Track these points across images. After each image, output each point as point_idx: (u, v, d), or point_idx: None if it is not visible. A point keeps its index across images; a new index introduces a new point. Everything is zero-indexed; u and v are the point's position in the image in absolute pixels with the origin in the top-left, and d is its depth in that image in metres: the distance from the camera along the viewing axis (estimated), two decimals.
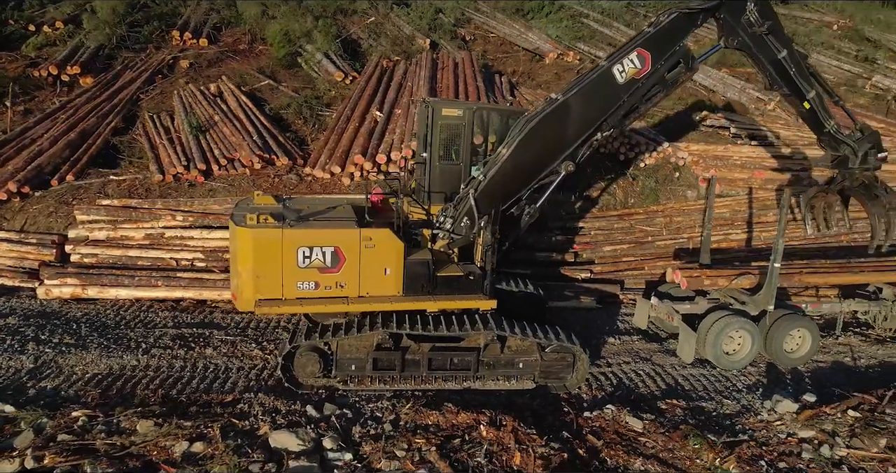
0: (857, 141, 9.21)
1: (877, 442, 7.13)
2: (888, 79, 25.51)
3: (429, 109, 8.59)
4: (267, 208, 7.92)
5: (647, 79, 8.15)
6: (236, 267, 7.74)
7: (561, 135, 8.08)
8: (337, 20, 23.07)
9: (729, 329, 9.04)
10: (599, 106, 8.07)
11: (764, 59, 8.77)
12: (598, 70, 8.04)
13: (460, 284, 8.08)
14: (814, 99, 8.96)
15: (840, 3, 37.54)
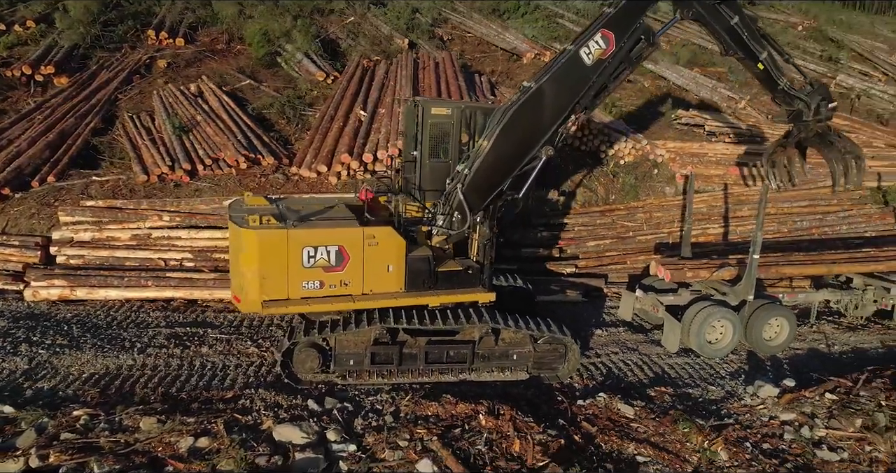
0: (809, 94, 9.74)
1: (853, 423, 7.53)
2: (851, 78, 26.41)
3: (419, 108, 8.75)
4: (265, 209, 8.00)
5: (613, 59, 8.38)
6: (239, 269, 7.77)
7: (538, 121, 8.27)
8: (314, 20, 23.07)
9: (711, 319, 9.41)
10: (571, 89, 8.28)
11: (718, 27, 9.18)
12: (566, 55, 8.24)
13: (460, 278, 8.28)
14: (766, 59, 9.40)
15: (805, 3, 38.70)
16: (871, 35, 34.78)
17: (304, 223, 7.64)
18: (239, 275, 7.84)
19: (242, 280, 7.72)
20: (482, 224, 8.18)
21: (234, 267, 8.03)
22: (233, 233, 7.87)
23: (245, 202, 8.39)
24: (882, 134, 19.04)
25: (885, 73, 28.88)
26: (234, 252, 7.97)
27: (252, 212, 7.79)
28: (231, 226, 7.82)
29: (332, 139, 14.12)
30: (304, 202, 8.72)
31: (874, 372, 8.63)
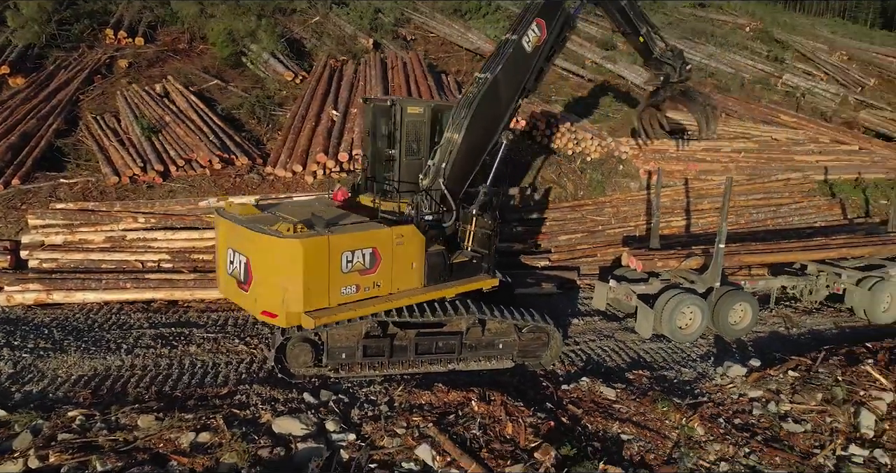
0: (672, 59, 11.44)
1: (814, 397, 8.13)
2: (796, 77, 27.73)
3: (396, 108, 8.98)
4: (277, 216, 7.83)
5: (545, 44, 9.17)
6: (272, 281, 7.35)
7: (498, 108, 8.86)
8: (276, 19, 22.99)
9: (681, 305, 9.96)
10: (520, 75, 8.96)
11: (613, 8, 10.90)
12: (510, 45, 8.81)
13: (468, 268, 8.64)
14: (646, 33, 11.13)
15: (752, 4, 40.34)
16: (813, 36, 36.51)
17: (337, 228, 7.52)
18: (272, 289, 7.37)
19: (279, 293, 7.30)
20: (479, 216, 8.53)
21: (263, 280, 7.47)
22: (262, 245, 7.33)
23: (236, 211, 8.10)
24: (826, 130, 20.17)
25: (826, 73, 30.40)
26: (263, 264, 7.44)
27: (271, 221, 7.55)
28: (256, 236, 7.36)
29: (305, 139, 14.22)
30: (294, 205, 8.78)
31: (830, 351, 9.29)
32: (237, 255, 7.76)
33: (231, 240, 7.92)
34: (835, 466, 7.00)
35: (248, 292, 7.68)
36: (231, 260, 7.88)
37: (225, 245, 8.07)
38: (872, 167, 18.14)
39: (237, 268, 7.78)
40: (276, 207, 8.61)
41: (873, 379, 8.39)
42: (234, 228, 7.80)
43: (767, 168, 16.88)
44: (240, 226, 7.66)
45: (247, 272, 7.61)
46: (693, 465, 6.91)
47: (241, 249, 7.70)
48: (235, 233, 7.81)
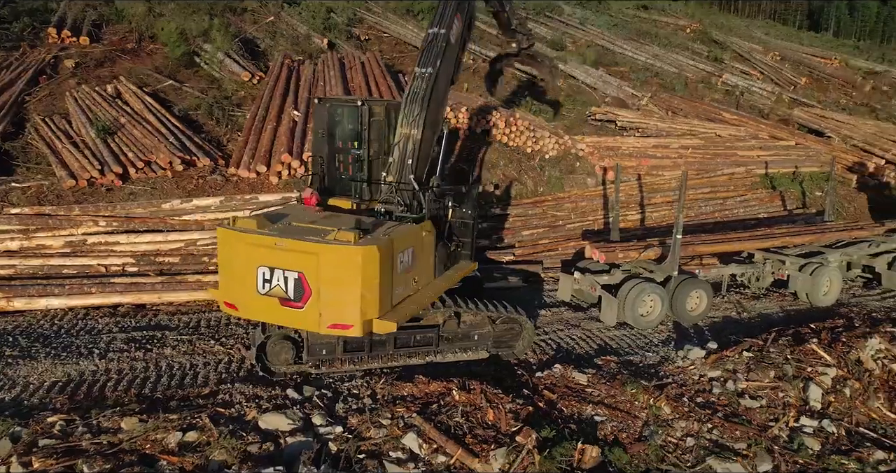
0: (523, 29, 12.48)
1: (767, 374, 8.74)
2: (735, 77, 29.11)
3: (363, 108, 9.14)
4: (301, 226, 7.53)
5: (462, 36, 9.52)
6: (342, 292, 7.09)
7: (441, 101, 9.21)
8: (229, 19, 22.70)
9: (643, 294, 10.49)
10: (451, 67, 9.28)
11: None
12: (441, 39, 9.05)
13: (456, 256, 9.01)
14: (509, 10, 11.90)
15: (691, 6, 42.07)
16: (748, 37, 38.40)
17: (389, 230, 7.48)
18: (342, 300, 7.12)
19: (353, 302, 7.07)
20: (455, 208, 8.81)
21: (334, 292, 7.14)
22: (313, 254, 7.02)
23: (250, 225, 7.46)
24: (766, 127, 21.33)
25: (761, 72, 32.03)
26: (330, 276, 7.08)
27: (317, 231, 7.29)
28: (302, 244, 7.06)
29: (267, 139, 14.19)
30: (299, 210, 8.37)
31: (779, 332, 9.97)
32: (279, 272, 7.19)
33: (265, 258, 7.24)
34: (788, 437, 7.58)
35: (304, 308, 7.22)
36: (267, 279, 7.26)
37: (253, 263, 7.30)
38: (807, 161, 19.30)
39: (279, 286, 7.24)
40: (284, 218, 7.93)
41: (818, 357, 9.07)
42: (272, 243, 7.19)
43: (713, 163, 17.78)
44: (288, 239, 7.14)
45: (300, 288, 7.16)
46: (662, 442, 7.37)
47: (285, 265, 7.16)
48: (274, 249, 7.18)
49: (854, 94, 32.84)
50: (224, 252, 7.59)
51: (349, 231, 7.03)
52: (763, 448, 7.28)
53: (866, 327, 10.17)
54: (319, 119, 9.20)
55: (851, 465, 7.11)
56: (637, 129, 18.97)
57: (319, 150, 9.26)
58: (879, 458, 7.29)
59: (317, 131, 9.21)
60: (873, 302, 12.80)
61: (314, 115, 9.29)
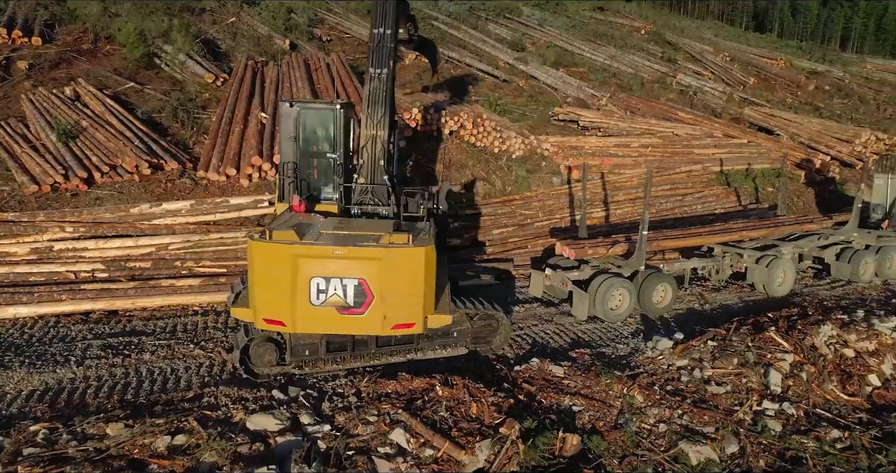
0: (413, 25, 12.78)
1: (731, 362, 9.21)
2: (688, 77, 30.08)
3: (340, 111, 9.25)
4: (345, 234, 7.67)
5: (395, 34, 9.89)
6: (406, 293, 7.37)
7: (394, 98, 9.52)
8: (188, 19, 22.36)
9: (612, 289, 10.89)
10: (394, 64, 9.53)
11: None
12: (388, 39, 9.37)
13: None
14: (411, 16, 12.08)
15: (645, 7, 43.21)
16: (699, 39, 39.67)
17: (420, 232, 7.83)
18: (405, 300, 7.40)
19: (416, 302, 7.40)
20: (432, 202, 9.05)
21: (397, 294, 7.38)
22: (388, 260, 7.21)
23: (285, 238, 7.37)
24: (719, 125, 22.16)
25: (713, 73, 33.17)
26: (394, 279, 7.32)
27: (370, 238, 7.45)
28: (362, 251, 7.19)
29: (235, 141, 14.12)
30: (305, 220, 8.31)
31: (740, 322, 10.50)
32: (335, 282, 7.28)
33: (319, 269, 7.27)
34: (752, 420, 8.04)
35: (366, 314, 7.39)
36: (322, 290, 7.30)
37: (305, 275, 7.28)
38: (759, 158, 20.18)
39: (337, 295, 7.34)
40: (313, 227, 7.93)
41: (777, 344, 9.61)
42: (329, 253, 7.23)
43: (671, 161, 18.44)
44: (347, 247, 7.24)
45: (361, 294, 7.32)
46: (637, 428, 7.74)
47: (343, 274, 7.25)
48: (329, 259, 7.24)
49: (799, 94, 34.33)
50: (263, 267, 7.33)
51: (401, 233, 7.33)
52: (730, 431, 7.71)
53: (819, 315, 10.80)
54: (289, 123, 9.01)
55: (810, 444, 7.59)
56: (599, 129, 19.51)
57: (290, 155, 9.07)
58: (835, 436, 7.80)
59: (286, 136, 9.01)
60: (824, 292, 13.56)
61: (282, 119, 9.08)
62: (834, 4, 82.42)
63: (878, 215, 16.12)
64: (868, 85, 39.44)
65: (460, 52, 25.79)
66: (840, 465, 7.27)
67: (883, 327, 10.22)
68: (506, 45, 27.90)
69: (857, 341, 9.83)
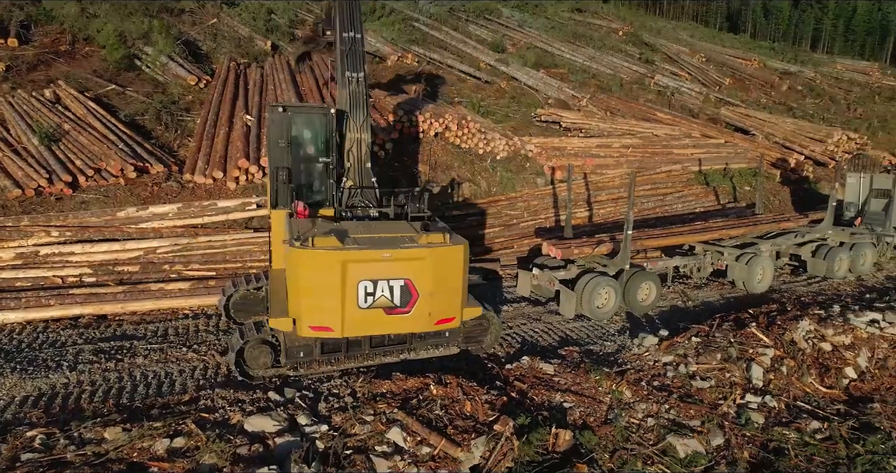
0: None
1: (714, 357, 9.50)
2: (665, 77, 30.58)
3: (331, 115, 9.33)
4: (383, 236, 7.94)
5: None
6: (447, 290, 7.84)
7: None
8: (167, 20, 22.20)
9: (598, 287, 11.13)
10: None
11: None
12: (359, 42, 9.56)
13: None
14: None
15: (623, 9, 43.75)
16: (676, 40, 40.31)
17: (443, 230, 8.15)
18: (447, 297, 7.85)
19: (456, 297, 7.90)
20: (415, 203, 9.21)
21: (440, 291, 7.80)
22: (432, 259, 7.59)
23: (329, 244, 7.47)
24: (697, 126, 22.61)
25: (689, 73, 33.75)
26: (437, 277, 7.71)
27: (394, 241, 7.75)
28: (424, 252, 7.57)
29: (221, 144, 14.11)
30: (330, 226, 8.42)
31: (722, 318, 10.81)
32: (382, 283, 7.56)
33: (367, 272, 7.51)
34: (736, 413, 8.30)
35: (412, 312, 7.73)
36: (370, 293, 7.57)
37: (353, 280, 7.48)
38: (736, 158, 20.64)
39: (384, 297, 7.64)
40: (346, 234, 8.02)
41: (758, 339, 9.91)
42: (378, 256, 7.49)
43: (652, 161, 18.79)
44: (395, 250, 7.50)
45: (406, 294, 7.65)
46: (626, 423, 7.95)
47: (390, 275, 7.54)
48: (378, 262, 7.49)
49: (773, 94, 35.10)
50: (310, 275, 7.41)
51: (436, 233, 7.72)
52: (715, 424, 7.96)
53: (797, 310, 11.16)
54: (279, 128, 8.92)
55: (792, 435, 7.87)
56: (580, 130, 19.79)
57: (281, 160, 8.97)
58: (815, 427, 8.09)
59: (276, 141, 8.91)
60: (801, 288, 13.97)
61: (272, 124, 8.97)
62: (805, 6, 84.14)
63: (850, 213, 16.64)
64: (839, 85, 40.45)
65: (442, 53, 25.94)
66: (820, 455, 7.55)
67: (858, 321, 10.60)
68: (486, 47, 28.11)
69: (834, 335, 10.18)
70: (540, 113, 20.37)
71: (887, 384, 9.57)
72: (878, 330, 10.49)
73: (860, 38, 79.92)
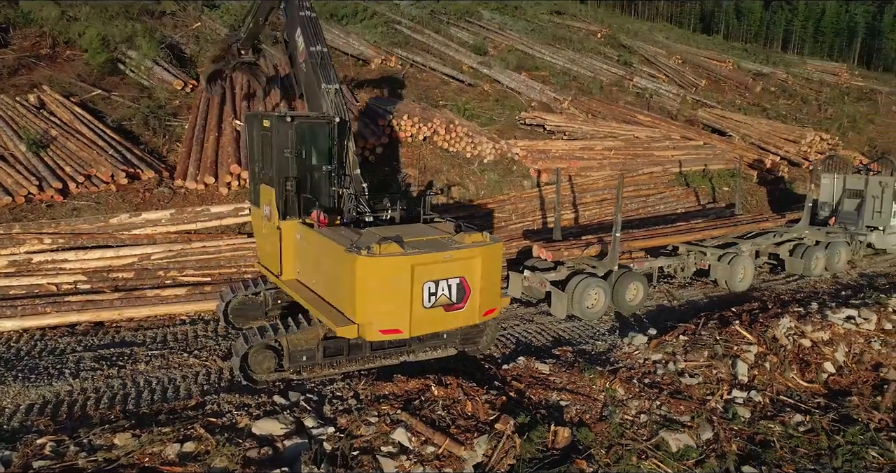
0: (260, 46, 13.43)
1: (701, 354, 9.87)
2: (644, 80, 31.14)
3: (335, 123, 9.48)
4: (429, 239, 8.45)
5: None
6: (491, 283, 8.54)
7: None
8: (149, 23, 22.06)
9: (588, 288, 11.46)
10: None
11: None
12: (327, 56, 9.90)
13: None
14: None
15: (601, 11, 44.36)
16: (652, 42, 41.00)
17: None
18: (490, 289, 8.54)
19: (497, 289, 8.74)
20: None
21: (486, 284, 8.41)
22: (482, 256, 8.21)
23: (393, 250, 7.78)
24: (676, 127, 23.16)
25: (666, 75, 34.40)
26: (485, 272, 8.33)
27: (441, 243, 8.30)
28: (475, 251, 8.15)
29: (211, 149, 14.17)
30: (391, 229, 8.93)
31: (707, 317, 11.21)
32: (443, 283, 8.08)
33: (431, 274, 7.98)
34: (724, 407, 8.66)
35: (466, 307, 8.36)
36: (432, 293, 8.06)
37: (419, 282, 7.92)
38: (715, 159, 21.20)
39: (444, 295, 8.15)
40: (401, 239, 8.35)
41: (742, 336, 10.32)
42: (441, 259, 7.99)
43: (634, 163, 19.23)
44: (454, 251, 8.06)
45: (461, 290, 8.25)
46: (620, 420, 8.27)
47: (449, 274, 8.08)
48: (441, 263, 8.01)
49: (747, 95, 35.97)
50: (381, 281, 7.76)
51: (476, 232, 8.42)
52: (704, 418, 8.30)
53: (777, 308, 11.61)
54: (284, 138, 8.95)
55: (777, 428, 8.25)
56: (564, 133, 20.16)
57: (288, 170, 9.01)
58: (798, 420, 8.48)
59: (282, 151, 8.94)
60: (780, 286, 14.48)
61: (276, 134, 8.96)
62: (776, 7, 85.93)
63: (825, 212, 17.25)
64: (809, 86, 41.54)
65: (424, 56, 26.14)
66: (804, 447, 7.92)
67: (835, 318, 11.07)
68: (468, 49, 28.37)
69: (813, 332, 10.62)
70: (524, 116, 20.70)
71: (863, 378, 9.99)
72: (854, 325, 10.96)
73: (829, 39, 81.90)
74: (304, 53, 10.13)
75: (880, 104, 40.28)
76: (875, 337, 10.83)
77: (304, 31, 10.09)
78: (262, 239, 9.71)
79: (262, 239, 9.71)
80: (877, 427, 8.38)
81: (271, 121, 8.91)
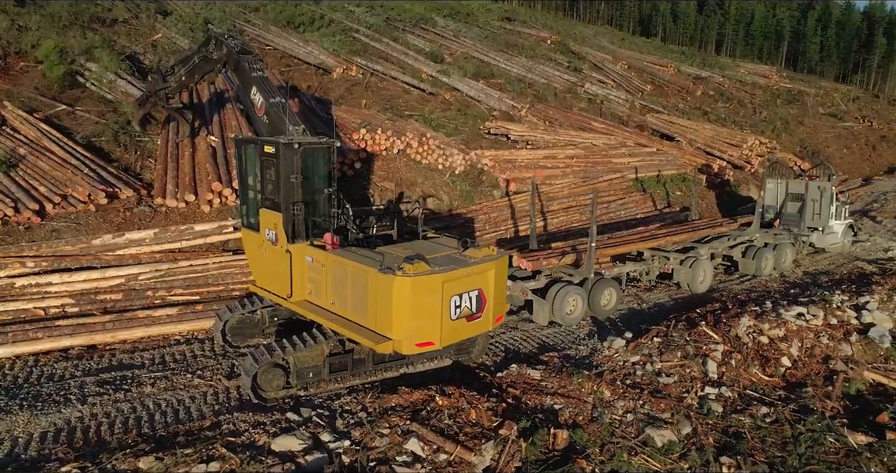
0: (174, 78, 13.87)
1: (675, 355, 10.71)
2: (594, 86, 32.30)
3: (335, 146, 9.78)
4: (447, 256, 9.11)
5: None
6: (500, 292, 9.30)
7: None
8: (101, 32, 21.59)
9: (567, 295, 12.18)
10: None
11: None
12: (285, 105, 10.20)
13: None
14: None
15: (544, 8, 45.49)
16: (599, 47, 42.42)
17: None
18: (500, 298, 9.33)
19: (504, 297, 9.58)
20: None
21: (497, 294, 9.18)
22: (495, 269, 8.99)
23: (420, 269, 8.27)
24: (630, 134, 24.29)
25: (614, 81, 35.75)
26: (497, 283, 9.11)
27: (459, 259, 8.96)
28: (490, 265, 8.92)
29: (188, 166, 14.19)
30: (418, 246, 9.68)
31: (676, 318, 12.09)
32: (465, 296, 8.73)
33: (456, 288, 8.56)
34: (699, 404, 9.48)
35: (482, 316, 9.06)
36: (457, 305, 8.67)
37: (447, 296, 8.49)
38: (667, 165, 22.41)
39: (468, 306, 8.81)
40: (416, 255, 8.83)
41: (709, 336, 11.21)
42: (466, 274, 8.65)
43: (594, 171, 20.17)
44: (474, 266, 8.76)
45: (480, 301, 8.96)
46: (609, 420, 8.96)
47: (470, 287, 8.75)
48: (464, 278, 8.64)
49: (688, 99, 37.78)
50: (417, 299, 8.23)
51: (483, 246, 9.22)
52: (682, 415, 9.07)
53: (737, 308, 12.60)
54: (290, 164, 9.13)
55: (747, 421, 9.09)
56: (527, 142, 20.91)
57: (297, 195, 9.25)
58: (764, 412, 9.35)
59: (288, 176, 9.16)
60: (735, 286, 15.61)
61: (283, 161, 9.07)
62: (708, 11, 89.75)
63: (770, 215, 18.59)
64: (744, 88, 43.89)
65: (384, 64, 26.47)
66: (771, 436, 8.78)
67: (788, 315, 12.12)
68: (426, 57, 28.83)
69: (770, 329, 11.62)
70: (488, 126, 21.35)
71: (815, 370, 11.02)
72: (805, 322, 12.03)
73: (758, 42, 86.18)
74: (263, 107, 10.46)
75: (809, 106, 43.00)
76: (823, 331, 11.90)
77: (261, 88, 10.52)
78: (262, 262, 9.93)
79: (262, 262, 9.93)
80: (831, 416, 9.34)
81: (276, 148, 9.15)
